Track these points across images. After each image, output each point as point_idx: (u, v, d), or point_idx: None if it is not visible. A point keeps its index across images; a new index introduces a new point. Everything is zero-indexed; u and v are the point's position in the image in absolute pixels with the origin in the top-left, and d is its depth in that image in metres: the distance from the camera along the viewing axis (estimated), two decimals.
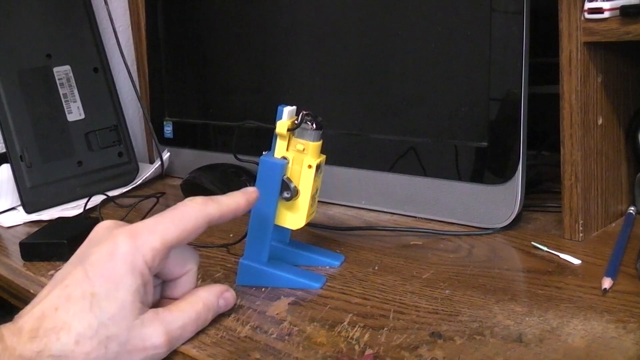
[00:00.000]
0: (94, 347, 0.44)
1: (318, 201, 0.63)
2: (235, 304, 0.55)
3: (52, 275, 0.66)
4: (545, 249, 0.63)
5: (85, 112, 0.95)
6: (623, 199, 0.70)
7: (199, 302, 0.51)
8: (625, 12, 0.57)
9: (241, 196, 0.54)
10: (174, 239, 0.48)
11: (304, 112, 0.58)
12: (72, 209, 0.87)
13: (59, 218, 0.82)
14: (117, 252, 0.46)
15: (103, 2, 0.98)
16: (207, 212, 0.50)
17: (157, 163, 1.00)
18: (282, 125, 0.58)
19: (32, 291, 0.63)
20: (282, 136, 0.58)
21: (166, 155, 1.01)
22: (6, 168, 0.88)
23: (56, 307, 0.45)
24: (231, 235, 0.74)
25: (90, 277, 0.46)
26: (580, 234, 0.64)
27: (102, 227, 0.50)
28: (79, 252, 0.49)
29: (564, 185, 0.64)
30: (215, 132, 0.96)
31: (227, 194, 0.54)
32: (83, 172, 0.93)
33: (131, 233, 0.47)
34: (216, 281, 0.61)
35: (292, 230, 0.62)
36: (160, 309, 0.48)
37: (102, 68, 0.97)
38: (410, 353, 0.46)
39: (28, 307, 0.46)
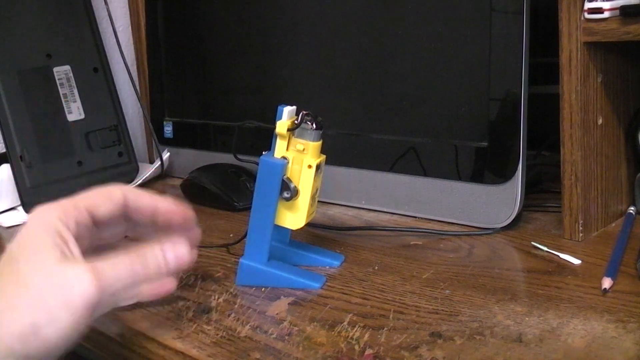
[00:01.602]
0: (20, 299, 0.43)
1: (318, 201, 0.63)
2: (192, 260, 0.52)
3: None
4: (545, 249, 0.63)
5: (85, 112, 0.94)
6: (623, 199, 0.70)
7: (135, 250, 0.49)
8: (625, 12, 0.57)
9: (169, 200, 0.53)
10: (87, 199, 0.49)
11: (304, 112, 0.58)
12: None
13: None
14: (31, 219, 0.47)
15: (103, 2, 0.98)
16: (123, 187, 0.51)
17: (157, 163, 1.00)
18: (282, 125, 0.58)
19: None
20: (282, 136, 0.58)
21: (166, 155, 1.01)
22: (6, 168, 0.88)
23: None
24: (231, 235, 0.74)
25: (12, 248, 0.46)
26: (580, 234, 0.64)
27: None
28: None
29: (564, 185, 0.64)
30: (215, 132, 0.96)
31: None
32: (83, 172, 0.93)
33: (47, 203, 0.48)
34: (216, 281, 0.61)
35: (292, 230, 0.61)
36: (80, 255, 0.47)
37: (102, 68, 0.97)
38: (410, 353, 0.46)
39: None
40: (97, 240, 0.51)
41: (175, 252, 0.50)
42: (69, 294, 0.43)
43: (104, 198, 0.50)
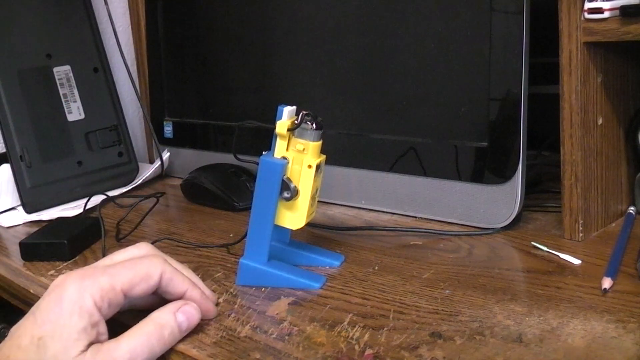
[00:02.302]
0: None
1: (318, 201, 0.63)
2: (212, 317, 0.53)
3: (52, 275, 0.66)
4: (545, 249, 0.63)
5: (85, 112, 0.95)
6: (623, 199, 0.70)
7: (149, 322, 0.49)
8: (625, 12, 0.57)
9: (199, 290, 0.53)
10: (125, 281, 0.49)
11: (304, 112, 0.58)
12: (72, 209, 0.87)
13: (59, 218, 0.82)
14: (65, 295, 0.47)
15: (103, 2, 0.98)
16: (162, 266, 0.51)
17: (157, 163, 1.00)
18: (282, 125, 0.58)
19: (32, 291, 0.63)
20: (282, 136, 0.58)
21: (166, 155, 1.01)
22: (6, 168, 0.88)
23: (8, 356, 0.46)
24: (231, 235, 0.74)
25: (38, 322, 0.47)
26: (580, 234, 0.64)
27: (59, 279, 0.50)
28: (35, 304, 0.49)
29: (564, 185, 0.64)
30: (215, 132, 0.96)
31: (190, 274, 0.55)
32: (83, 172, 0.93)
33: (81, 275, 0.48)
34: (216, 281, 0.61)
35: (292, 230, 0.62)
36: (108, 341, 0.48)
37: (102, 68, 0.97)
38: (410, 353, 0.46)
39: None
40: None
41: (187, 314, 0.51)
42: None
43: (142, 279, 0.50)
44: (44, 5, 0.93)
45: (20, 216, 0.86)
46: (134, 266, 0.50)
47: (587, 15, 0.59)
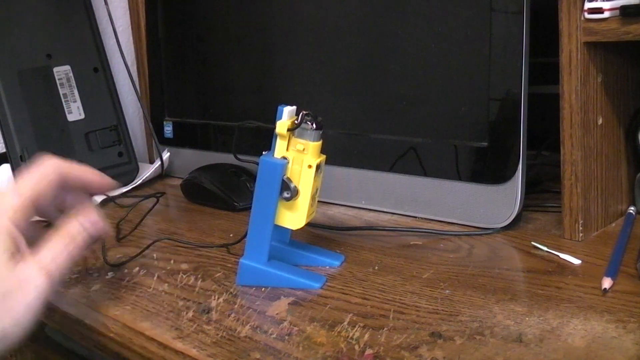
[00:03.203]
0: None
1: (318, 201, 0.63)
2: (108, 230, 0.56)
3: None
4: (545, 249, 0.63)
5: (85, 112, 0.95)
6: (623, 199, 0.70)
7: (59, 232, 0.53)
8: (625, 12, 0.57)
9: (95, 171, 0.58)
10: (29, 190, 0.52)
11: (304, 112, 0.58)
12: None
13: None
14: None
15: (103, 2, 0.98)
16: (57, 163, 0.54)
17: (157, 163, 1.00)
18: (282, 125, 0.58)
19: None
20: (282, 136, 0.58)
21: (166, 155, 1.01)
22: (6, 168, 0.88)
23: None
24: (231, 235, 0.74)
25: None
26: (580, 234, 0.64)
27: None
28: None
29: (564, 185, 0.64)
30: (215, 132, 0.96)
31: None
32: None
33: None
34: (216, 281, 0.61)
35: (292, 230, 0.62)
36: (28, 252, 0.51)
37: (102, 68, 0.97)
38: (410, 353, 0.47)
39: None
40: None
41: (91, 221, 0.54)
42: (29, 297, 0.48)
43: (43, 180, 0.53)
44: (44, 5, 0.93)
45: None
46: (31, 174, 0.53)
47: (587, 15, 0.59)
